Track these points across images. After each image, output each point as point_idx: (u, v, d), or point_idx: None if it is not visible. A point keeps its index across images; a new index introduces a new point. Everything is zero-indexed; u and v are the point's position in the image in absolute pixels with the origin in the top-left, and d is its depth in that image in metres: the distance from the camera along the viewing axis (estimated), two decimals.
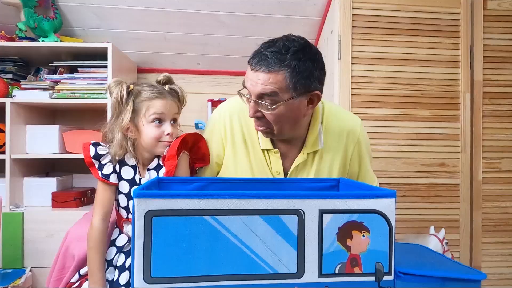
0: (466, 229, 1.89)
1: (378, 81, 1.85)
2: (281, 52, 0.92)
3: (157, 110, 1.00)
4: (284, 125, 0.98)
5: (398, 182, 1.86)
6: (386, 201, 0.64)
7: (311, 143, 1.06)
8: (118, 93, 0.99)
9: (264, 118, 0.97)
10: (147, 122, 1.00)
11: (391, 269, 0.63)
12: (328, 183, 0.88)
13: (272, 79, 0.91)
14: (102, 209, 1.03)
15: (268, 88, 0.92)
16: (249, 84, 0.95)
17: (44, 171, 2.12)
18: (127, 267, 1.01)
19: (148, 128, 1.00)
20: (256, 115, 0.97)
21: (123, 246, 1.05)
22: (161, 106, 1.00)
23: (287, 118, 0.97)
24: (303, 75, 0.93)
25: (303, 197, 0.61)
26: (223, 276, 0.60)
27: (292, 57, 0.92)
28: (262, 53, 0.93)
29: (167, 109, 1.01)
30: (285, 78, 0.92)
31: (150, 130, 1.00)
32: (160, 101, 1.00)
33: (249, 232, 0.60)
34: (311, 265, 0.61)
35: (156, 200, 0.59)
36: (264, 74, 0.92)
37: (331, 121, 1.09)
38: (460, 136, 1.88)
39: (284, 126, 0.98)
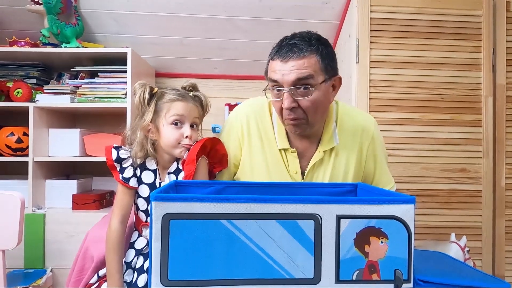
0: (489, 236, 1.83)
1: (396, 85, 1.83)
2: (305, 40, 0.98)
3: (177, 112, 1.01)
4: (318, 113, 1.00)
5: (417, 188, 1.83)
6: (405, 207, 0.62)
7: (327, 141, 1.08)
8: (142, 94, 1.02)
9: (299, 109, 0.98)
10: (167, 123, 1.01)
11: (410, 276, 0.62)
12: (346, 188, 0.87)
13: (307, 63, 0.95)
14: (121, 212, 1.05)
15: (304, 72, 0.95)
16: (280, 76, 0.97)
17: (65, 174, 2.17)
18: (145, 270, 1.02)
19: (168, 130, 1.01)
20: (292, 105, 0.97)
21: (142, 249, 1.06)
22: (181, 108, 1.02)
23: (321, 104, 1.00)
24: (329, 58, 0.99)
25: (320, 202, 0.61)
26: (239, 280, 0.60)
27: (317, 43, 0.98)
28: (289, 43, 0.98)
29: (187, 111, 1.02)
30: (317, 61, 0.97)
31: (169, 132, 1.01)
32: (181, 103, 1.02)
33: (265, 236, 0.60)
34: (328, 271, 0.61)
35: (174, 203, 0.59)
36: (298, 60, 0.95)
37: (345, 119, 1.11)
38: (482, 141, 1.84)
39: (317, 115, 1.01)
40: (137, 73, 1.95)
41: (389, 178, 1.17)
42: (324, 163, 1.08)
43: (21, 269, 1.75)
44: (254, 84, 2.39)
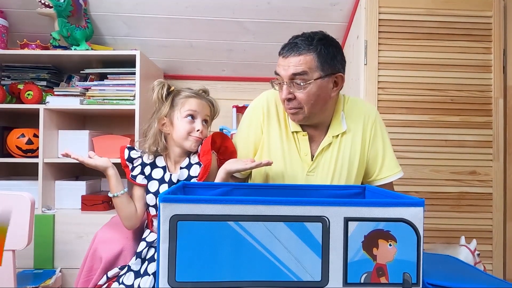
0: (500, 240, 1.81)
1: (405, 87, 1.82)
2: (308, 39, 1.09)
3: (191, 107, 1.11)
4: (314, 105, 1.10)
5: (427, 191, 1.82)
6: (414, 209, 0.62)
7: (336, 127, 1.18)
8: (160, 90, 1.12)
9: (296, 100, 1.10)
10: (181, 117, 1.11)
11: (419, 280, 0.61)
12: (354, 190, 0.87)
13: (302, 61, 1.07)
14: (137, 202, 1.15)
15: (299, 68, 1.06)
16: (281, 70, 1.10)
17: (74, 175, 2.19)
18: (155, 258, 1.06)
19: (182, 123, 1.11)
20: (288, 97, 1.09)
21: (153, 242, 1.10)
22: (196, 104, 1.12)
23: (317, 98, 1.10)
24: (328, 57, 1.09)
25: (328, 204, 0.61)
26: (246, 282, 0.60)
27: (318, 43, 1.08)
28: (292, 42, 1.10)
29: (200, 108, 1.12)
30: (313, 59, 1.07)
31: (183, 125, 1.11)
32: (196, 100, 1.12)
33: (272, 238, 0.60)
34: (336, 273, 0.60)
35: (181, 205, 0.60)
36: (295, 57, 1.07)
37: (351, 108, 1.22)
38: (492, 143, 1.82)
39: (314, 107, 1.11)
40: (145, 75, 1.96)
41: (395, 165, 1.24)
42: (331, 147, 1.17)
43: (30, 269, 1.77)
44: (262, 86, 2.39)
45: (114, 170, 1.11)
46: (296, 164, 1.17)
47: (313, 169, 1.16)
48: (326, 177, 1.16)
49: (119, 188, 1.11)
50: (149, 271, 1.04)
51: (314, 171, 1.16)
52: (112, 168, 1.11)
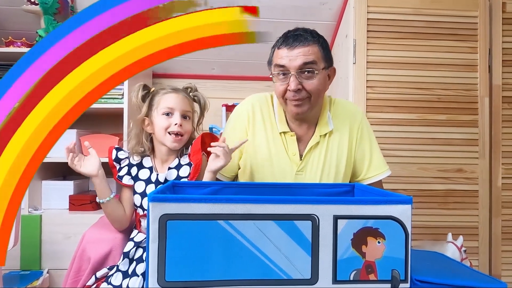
0: (485, 236, 1.85)
1: (393, 86, 1.84)
2: (308, 32, 1.13)
3: (166, 104, 1.11)
4: (319, 96, 1.14)
5: (414, 188, 1.84)
6: (402, 207, 0.63)
7: (323, 126, 1.20)
8: (137, 93, 1.13)
9: (304, 90, 1.11)
10: (158, 114, 1.11)
11: (408, 276, 0.62)
12: (343, 189, 0.88)
13: (311, 51, 1.10)
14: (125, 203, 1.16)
15: (309, 57, 1.09)
16: (287, 61, 1.10)
17: (61, 174, 2.16)
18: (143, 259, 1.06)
19: (159, 120, 1.11)
20: (298, 87, 1.09)
21: (141, 242, 1.10)
22: (171, 100, 1.11)
23: (322, 89, 1.14)
24: (328, 49, 1.15)
25: (317, 202, 0.61)
26: (236, 281, 0.60)
27: (317, 35, 1.14)
28: (295, 34, 1.12)
29: (177, 102, 1.11)
30: (319, 50, 1.11)
31: (160, 121, 1.11)
32: (171, 95, 1.12)
33: (262, 236, 0.60)
34: (325, 271, 0.61)
35: (171, 204, 0.59)
36: (303, 47, 1.09)
37: (337, 109, 1.25)
38: (478, 141, 1.85)
39: (318, 98, 1.14)
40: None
41: (382, 163, 1.26)
42: (319, 146, 1.19)
43: (17, 270, 1.75)
44: (252, 84, 2.39)
45: (99, 179, 1.08)
46: (284, 164, 1.17)
47: (302, 169, 1.18)
48: (315, 176, 1.17)
49: (107, 193, 1.10)
50: (137, 272, 1.04)
51: (303, 170, 1.18)
52: (97, 177, 1.08)
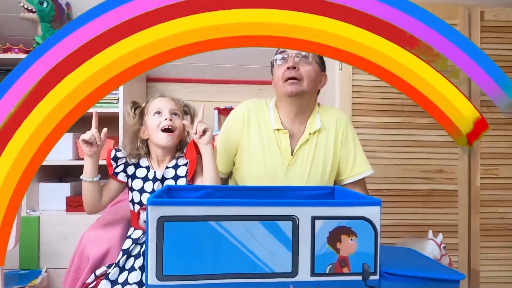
0: (464, 233, 1.93)
1: (378, 91, 1.92)
2: None
3: (155, 105, 1.22)
4: (310, 84, 1.28)
5: (398, 188, 1.92)
6: (372, 208, 0.71)
7: (312, 124, 1.33)
8: (128, 110, 1.26)
9: (298, 71, 1.27)
10: (150, 117, 1.21)
11: (377, 269, 0.71)
12: (325, 191, 0.96)
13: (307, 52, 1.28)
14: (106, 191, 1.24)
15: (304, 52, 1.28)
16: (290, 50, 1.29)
17: (58, 177, 2.22)
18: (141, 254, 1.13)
19: (151, 120, 1.21)
20: (294, 65, 1.26)
21: (138, 238, 1.16)
22: (159, 102, 1.24)
23: (313, 78, 1.29)
24: (321, 57, 1.35)
25: (297, 205, 0.69)
26: (226, 274, 0.67)
27: None
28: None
29: (165, 103, 1.23)
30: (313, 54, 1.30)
31: (152, 121, 1.21)
32: (159, 98, 1.25)
33: (249, 236, 0.68)
34: (304, 265, 0.69)
35: (167, 207, 0.67)
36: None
37: (325, 113, 1.38)
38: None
39: (309, 85, 1.28)
40: None
41: (365, 162, 1.37)
42: (309, 143, 1.31)
43: (16, 269, 1.80)
44: (243, 88, 2.47)
45: (93, 159, 1.17)
46: (276, 159, 1.29)
47: (292, 163, 1.29)
48: (304, 170, 1.29)
49: (93, 174, 1.18)
50: (135, 266, 1.11)
51: (294, 165, 1.29)
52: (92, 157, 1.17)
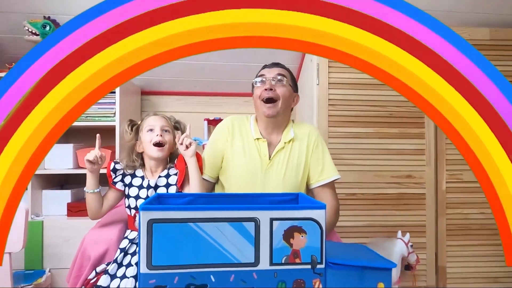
0: (432, 233, 2.11)
1: (352, 104, 2.09)
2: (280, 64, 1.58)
3: (148, 123, 1.41)
4: (284, 103, 1.49)
5: (371, 192, 2.08)
6: (319, 211, 0.89)
7: (286, 135, 1.53)
8: (125, 128, 1.43)
9: (275, 92, 1.47)
10: (144, 133, 1.39)
11: (323, 260, 0.88)
12: (290, 197, 1.13)
13: (283, 72, 1.53)
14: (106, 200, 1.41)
15: (282, 72, 1.52)
16: (267, 73, 1.52)
17: (59, 184, 2.38)
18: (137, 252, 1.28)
19: (145, 136, 1.39)
20: (270, 87, 1.47)
21: (134, 238, 1.33)
22: (152, 120, 1.41)
23: (287, 98, 1.50)
24: (294, 79, 1.58)
25: (258, 209, 0.87)
26: (202, 264, 0.85)
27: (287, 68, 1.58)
28: (273, 63, 1.57)
29: (157, 121, 1.40)
30: (288, 74, 1.54)
31: (146, 137, 1.39)
32: (152, 117, 1.42)
33: (220, 234, 0.86)
34: (264, 257, 0.87)
35: (155, 211, 0.85)
36: (279, 68, 1.54)
37: (298, 127, 1.58)
38: (425, 151, 2.11)
39: (283, 104, 1.49)
40: (124, 93, 2.18)
41: (333, 169, 1.56)
42: (284, 150, 1.51)
43: (22, 270, 1.95)
44: (231, 100, 2.65)
45: (94, 174, 1.36)
46: (256, 163, 1.49)
47: (270, 167, 1.50)
48: (280, 173, 1.49)
49: (94, 186, 1.36)
50: (132, 263, 1.28)
51: (271, 168, 1.49)
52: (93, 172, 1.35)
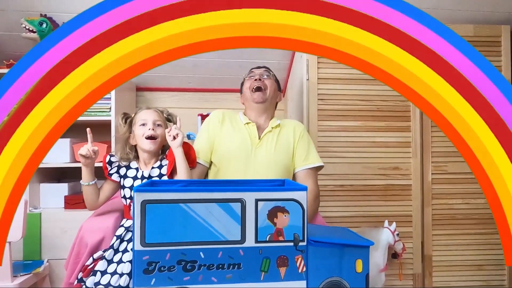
0: (418, 223, 2.17)
1: (341, 98, 2.15)
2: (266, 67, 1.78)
3: (140, 117, 1.47)
4: (270, 93, 1.68)
5: (359, 183, 2.14)
6: (301, 193, 0.96)
7: (273, 122, 1.68)
8: (122, 120, 1.50)
9: (263, 82, 1.66)
10: (137, 127, 1.46)
11: (305, 237, 0.95)
12: (277, 183, 1.20)
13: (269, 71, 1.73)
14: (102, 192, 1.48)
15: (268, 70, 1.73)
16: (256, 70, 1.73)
17: (57, 178, 2.43)
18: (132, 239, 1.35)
19: (138, 130, 1.46)
20: (260, 78, 1.67)
21: (129, 227, 1.39)
22: (144, 114, 1.48)
23: (273, 91, 1.69)
24: (278, 81, 1.76)
25: (244, 191, 0.94)
26: (192, 242, 0.92)
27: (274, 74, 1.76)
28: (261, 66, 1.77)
29: (149, 115, 1.47)
30: (273, 75, 1.73)
31: (138, 131, 1.46)
32: (144, 111, 1.48)
33: (209, 214, 0.93)
34: (250, 235, 0.93)
35: (148, 193, 0.91)
36: (265, 69, 1.74)
37: (285, 122, 1.73)
38: (411, 143, 2.18)
39: (270, 94, 1.67)
40: (119, 89, 2.23)
41: (317, 157, 1.68)
42: (272, 133, 1.65)
43: (21, 260, 2.01)
44: (223, 95, 2.71)
45: (89, 167, 1.42)
46: (247, 142, 1.61)
47: (259, 146, 1.62)
48: (269, 150, 1.61)
49: (90, 179, 1.43)
50: (128, 249, 1.34)
51: (261, 146, 1.62)
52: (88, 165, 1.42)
